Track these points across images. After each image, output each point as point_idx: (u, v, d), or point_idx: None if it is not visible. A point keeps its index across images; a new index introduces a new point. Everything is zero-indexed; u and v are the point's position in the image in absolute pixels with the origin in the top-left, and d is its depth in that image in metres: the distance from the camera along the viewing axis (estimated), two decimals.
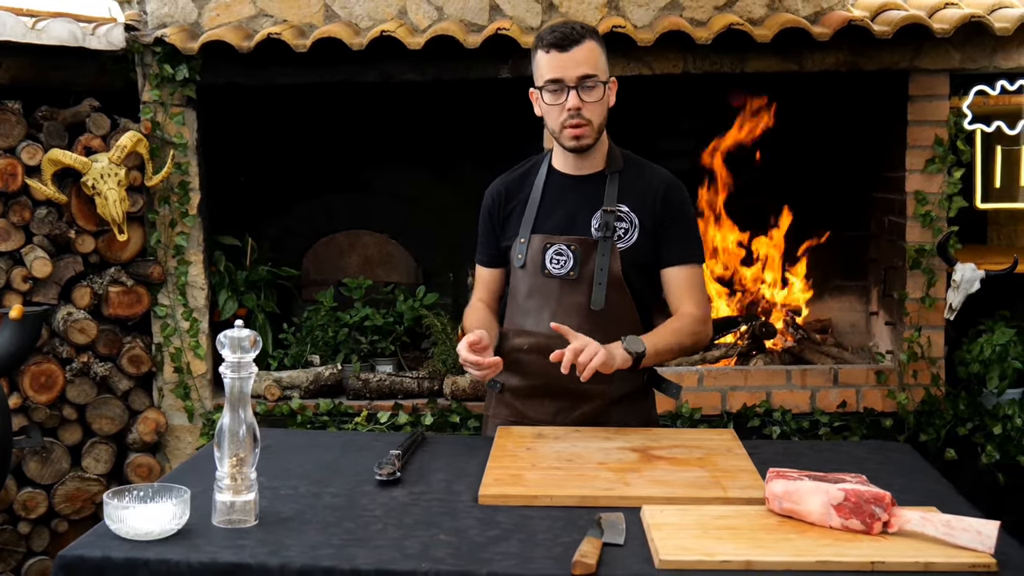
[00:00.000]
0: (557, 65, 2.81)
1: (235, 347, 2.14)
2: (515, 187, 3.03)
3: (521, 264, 2.94)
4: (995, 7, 4.46)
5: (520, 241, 2.95)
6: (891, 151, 4.77)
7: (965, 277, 4.47)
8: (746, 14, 4.57)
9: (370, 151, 5.34)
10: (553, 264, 2.90)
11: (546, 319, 2.88)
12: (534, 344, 2.92)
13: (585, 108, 2.83)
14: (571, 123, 2.83)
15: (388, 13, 4.65)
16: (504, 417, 3.01)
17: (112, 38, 4.47)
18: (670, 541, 1.98)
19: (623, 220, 2.92)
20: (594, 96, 2.84)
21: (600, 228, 2.90)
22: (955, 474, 4.48)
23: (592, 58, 2.83)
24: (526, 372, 2.96)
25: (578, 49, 2.81)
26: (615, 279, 2.89)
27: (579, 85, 2.81)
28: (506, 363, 2.95)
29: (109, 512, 2.07)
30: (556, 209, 2.95)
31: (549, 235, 2.92)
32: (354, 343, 4.97)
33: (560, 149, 2.97)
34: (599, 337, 2.78)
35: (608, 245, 2.88)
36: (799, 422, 4.63)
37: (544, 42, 2.84)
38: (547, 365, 2.88)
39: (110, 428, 4.54)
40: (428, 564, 1.93)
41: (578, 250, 2.89)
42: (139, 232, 4.61)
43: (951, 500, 2.30)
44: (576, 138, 2.86)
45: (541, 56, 2.85)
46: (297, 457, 2.65)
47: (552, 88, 2.83)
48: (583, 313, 2.87)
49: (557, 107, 2.84)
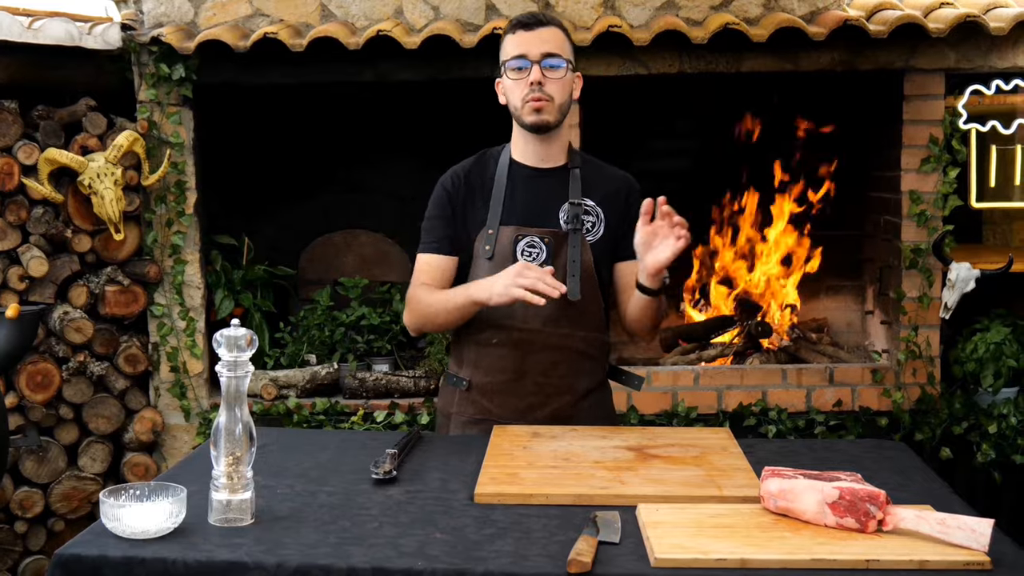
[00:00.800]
0: (522, 42, 2.85)
1: (231, 346, 2.15)
2: (475, 176, 2.99)
3: (489, 256, 2.89)
4: (990, 7, 4.47)
5: (488, 232, 2.90)
6: (887, 150, 4.78)
7: (960, 276, 4.48)
8: (742, 14, 4.57)
9: (367, 150, 5.35)
10: (524, 256, 2.87)
11: (516, 311, 2.86)
12: (504, 337, 2.91)
13: (547, 84, 2.83)
14: (533, 96, 2.83)
15: (384, 13, 4.65)
16: (470, 415, 2.97)
17: (108, 37, 4.47)
18: (665, 540, 1.98)
19: (590, 214, 2.92)
20: (557, 75, 2.84)
21: (569, 220, 2.89)
22: (950, 473, 4.50)
23: (558, 40, 2.86)
24: (494, 367, 2.93)
25: (544, 30, 2.85)
26: (587, 271, 2.89)
27: (542, 62, 2.82)
28: (472, 358, 2.95)
29: (105, 511, 2.07)
30: (522, 201, 2.93)
31: (520, 226, 2.90)
32: (350, 342, 4.97)
33: (520, 140, 2.96)
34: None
35: (578, 237, 2.89)
36: (795, 421, 4.64)
37: (511, 25, 2.89)
38: (516, 359, 2.89)
39: (107, 427, 4.55)
40: (424, 562, 1.93)
41: (551, 242, 2.88)
42: (135, 231, 4.61)
43: (946, 498, 2.31)
44: (537, 111, 2.84)
45: (508, 38, 2.89)
46: (293, 456, 2.65)
47: (515, 65, 2.85)
48: (554, 304, 2.82)
49: (520, 82, 2.85)
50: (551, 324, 2.88)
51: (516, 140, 2.99)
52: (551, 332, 2.89)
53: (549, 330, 2.89)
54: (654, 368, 4.76)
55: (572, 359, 2.93)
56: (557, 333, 2.90)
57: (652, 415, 4.64)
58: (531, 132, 2.91)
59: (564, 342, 2.91)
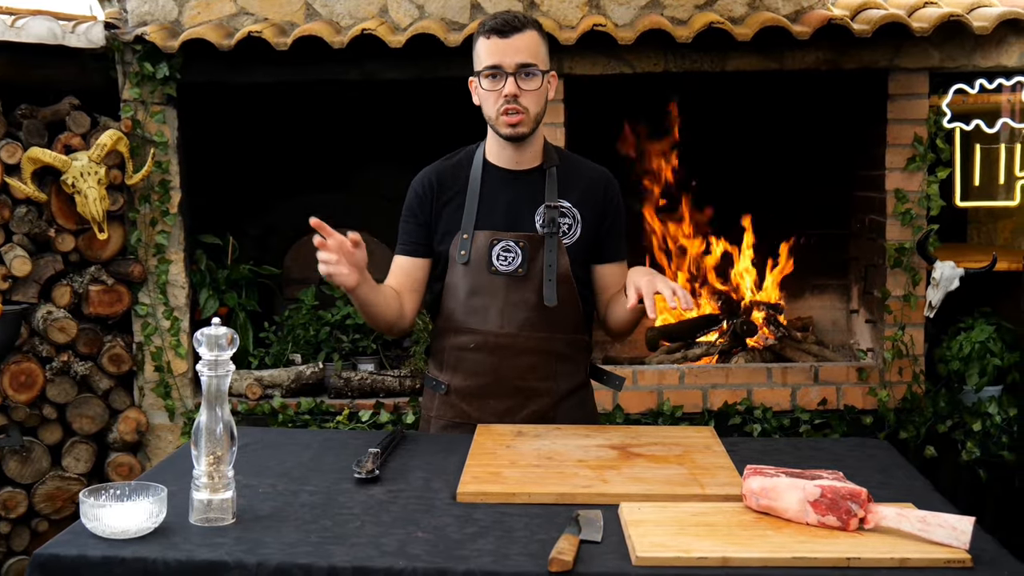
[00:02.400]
0: (496, 51, 2.80)
1: (212, 345, 2.14)
2: (448, 179, 2.96)
3: (465, 261, 2.88)
4: (974, 6, 4.48)
5: (463, 237, 2.89)
6: (871, 150, 4.79)
7: (945, 275, 4.49)
8: (727, 13, 4.57)
9: (352, 150, 5.34)
10: (500, 261, 2.87)
11: (493, 317, 2.87)
12: (481, 342, 2.90)
13: (523, 96, 2.80)
14: (507, 108, 2.80)
15: (369, 11, 4.64)
16: (449, 419, 2.97)
17: (92, 36, 4.46)
18: (647, 538, 1.98)
19: (566, 215, 2.91)
20: (532, 85, 2.81)
21: (545, 224, 2.88)
22: (935, 471, 4.51)
23: (532, 47, 2.81)
24: (472, 371, 2.93)
25: (518, 37, 2.80)
26: (564, 275, 2.89)
27: (517, 72, 2.79)
28: (450, 362, 2.95)
29: (85, 510, 2.06)
30: (497, 204, 2.91)
31: (495, 231, 2.88)
32: (336, 342, 4.96)
33: (495, 143, 2.93)
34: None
35: (554, 241, 2.87)
36: (780, 420, 4.64)
37: (485, 28, 2.83)
38: (494, 363, 2.88)
39: (90, 427, 4.53)
40: (405, 561, 1.93)
41: (526, 247, 2.87)
42: (119, 231, 4.60)
43: (928, 496, 2.31)
44: (512, 126, 2.82)
45: (481, 42, 2.84)
46: (275, 455, 2.64)
47: (490, 74, 2.82)
48: (532, 309, 2.85)
49: (494, 93, 2.82)
50: (528, 328, 2.88)
51: (490, 142, 2.96)
52: (528, 336, 2.89)
53: (526, 334, 2.89)
54: (639, 367, 4.76)
55: (551, 362, 2.93)
56: (535, 337, 2.89)
57: (637, 414, 4.64)
58: (506, 140, 2.90)
59: (542, 345, 2.91)
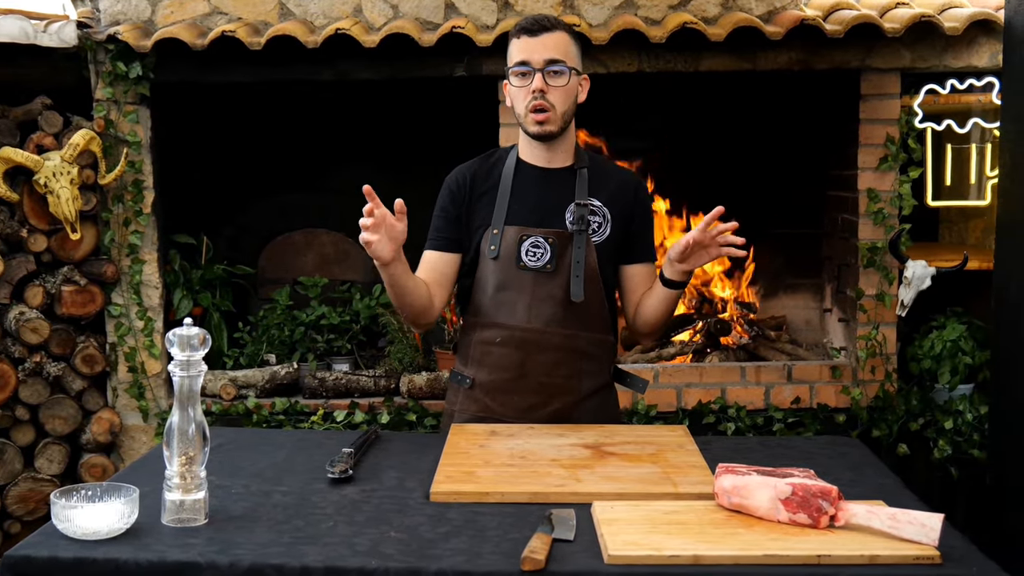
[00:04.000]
0: (525, 48, 2.85)
1: (184, 345, 2.13)
2: (483, 175, 2.99)
3: (494, 255, 2.90)
4: (945, 7, 4.52)
5: (493, 232, 2.91)
6: (844, 149, 4.82)
7: (916, 274, 4.52)
8: (700, 13, 4.59)
9: (326, 149, 5.33)
10: (529, 256, 2.89)
11: (520, 311, 2.90)
12: (507, 337, 2.92)
13: (550, 92, 2.83)
14: (535, 105, 2.83)
15: (343, 11, 4.64)
16: (472, 413, 2.97)
17: (64, 35, 4.43)
18: (619, 537, 1.99)
19: (596, 214, 2.93)
20: (560, 82, 2.84)
21: (575, 221, 2.90)
22: (907, 469, 4.54)
23: (561, 45, 2.85)
24: (498, 366, 2.94)
25: (548, 36, 2.84)
26: (591, 272, 2.91)
27: (545, 68, 2.83)
28: (476, 356, 2.96)
29: (56, 511, 2.05)
30: (528, 201, 2.94)
31: (524, 227, 2.91)
32: (310, 342, 4.95)
33: (527, 142, 2.97)
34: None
35: (583, 238, 2.89)
36: (753, 418, 4.66)
37: (517, 29, 2.88)
38: (519, 358, 2.90)
39: (63, 428, 4.51)
40: (378, 561, 1.93)
41: (555, 243, 2.89)
42: (92, 231, 4.58)
43: (898, 494, 2.33)
44: (539, 123, 2.85)
45: (512, 43, 2.89)
46: (249, 456, 2.64)
47: (519, 71, 2.85)
48: (559, 305, 2.88)
49: (523, 90, 2.86)
50: (555, 324, 2.90)
51: (523, 142, 3.00)
52: (555, 332, 2.90)
53: (553, 330, 2.90)
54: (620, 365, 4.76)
55: (575, 359, 2.95)
56: (561, 333, 2.91)
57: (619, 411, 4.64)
58: (534, 139, 2.93)
59: (568, 343, 2.92)
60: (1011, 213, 3.70)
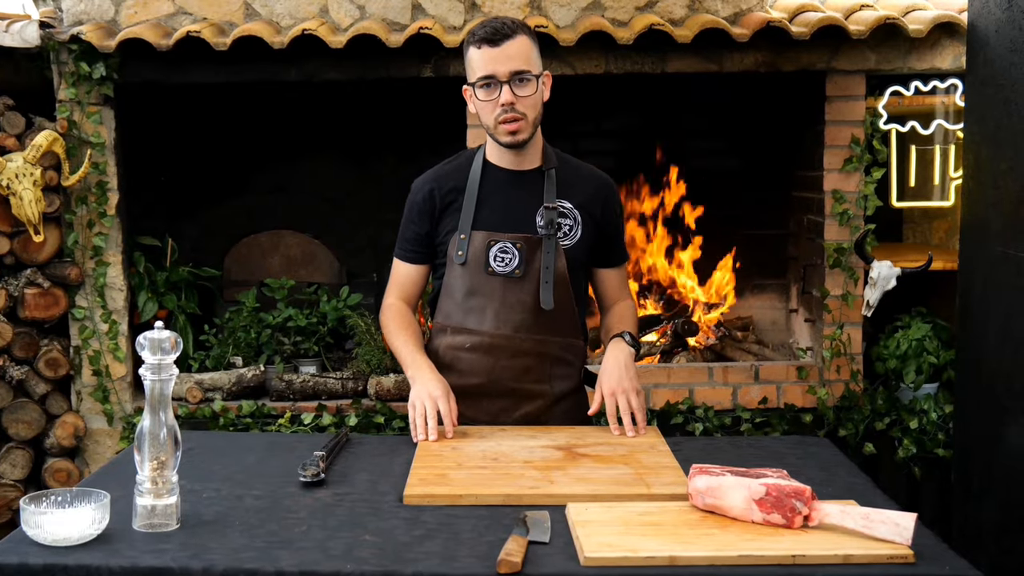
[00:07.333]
0: (489, 60, 2.79)
1: (155, 349, 2.12)
2: (449, 180, 2.96)
3: (462, 261, 2.89)
4: (909, 9, 4.55)
5: (460, 237, 2.90)
6: (809, 151, 4.85)
7: (882, 274, 4.55)
8: (667, 15, 4.61)
9: (292, 150, 5.30)
10: (497, 262, 2.88)
11: (489, 317, 2.89)
12: (477, 343, 2.92)
13: (519, 103, 2.81)
14: (505, 118, 2.81)
15: (309, 12, 4.62)
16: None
17: (27, 35, 4.38)
18: (594, 538, 1.99)
19: (567, 216, 2.92)
20: (527, 91, 2.82)
21: (545, 225, 2.89)
22: (874, 468, 4.57)
23: (524, 52, 2.81)
24: (466, 371, 2.94)
25: (510, 44, 2.79)
26: (560, 277, 2.90)
27: (511, 80, 2.79)
28: (446, 361, 2.95)
29: (26, 518, 2.03)
30: (496, 205, 2.92)
31: (492, 232, 2.89)
32: (277, 344, 4.92)
33: (495, 146, 2.94)
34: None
35: (552, 243, 2.89)
36: (721, 419, 4.68)
37: (475, 38, 2.82)
38: (488, 364, 2.90)
39: (27, 432, 4.46)
40: (352, 565, 1.92)
41: (523, 248, 2.88)
42: (56, 233, 4.53)
43: (869, 493, 2.35)
44: (512, 133, 2.83)
45: (473, 52, 2.83)
46: (219, 460, 2.62)
47: (485, 84, 2.82)
48: (528, 311, 2.88)
49: (491, 103, 2.82)
50: (523, 330, 2.90)
51: (490, 144, 2.97)
52: (524, 338, 2.91)
53: (522, 336, 2.90)
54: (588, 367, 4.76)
55: (545, 364, 2.95)
56: (531, 339, 2.91)
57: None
58: (508, 148, 2.90)
59: (537, 348, 2.92)
60: (974, 214, 3.74)
